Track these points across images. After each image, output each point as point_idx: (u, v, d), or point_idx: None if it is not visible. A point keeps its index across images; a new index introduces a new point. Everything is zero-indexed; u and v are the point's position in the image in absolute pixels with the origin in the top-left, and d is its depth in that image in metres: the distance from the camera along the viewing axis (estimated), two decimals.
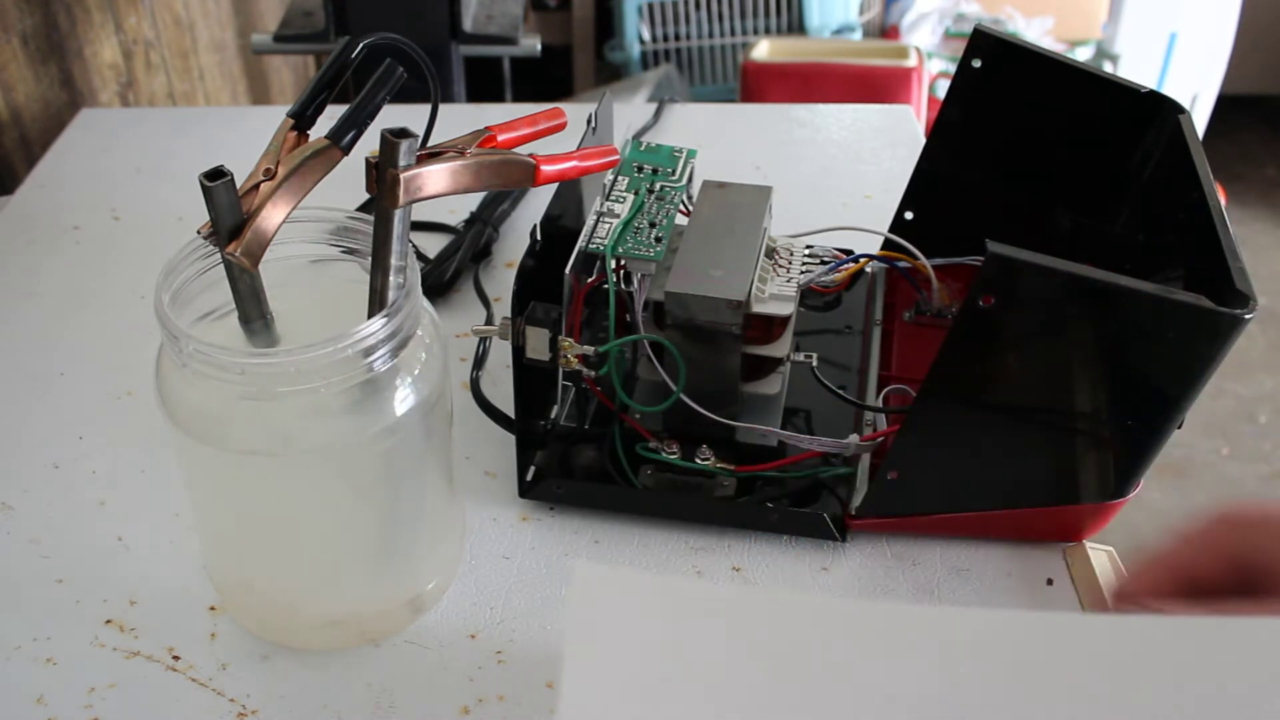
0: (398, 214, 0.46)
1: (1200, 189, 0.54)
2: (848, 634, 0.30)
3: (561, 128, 0.54)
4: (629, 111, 1.02)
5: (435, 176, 0.46)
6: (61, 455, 0.63)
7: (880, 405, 0.61)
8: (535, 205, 0.85)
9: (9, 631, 0.53)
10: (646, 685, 0.29)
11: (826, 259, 0.68)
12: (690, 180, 0.65)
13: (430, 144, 0.47)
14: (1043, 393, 0.51)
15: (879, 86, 1.97)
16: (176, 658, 0.52)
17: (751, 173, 0.91)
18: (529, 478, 0.60)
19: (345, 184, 0.49)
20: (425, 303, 0.50)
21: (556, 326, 0.55)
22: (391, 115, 0.44)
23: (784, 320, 0.59)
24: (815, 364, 0.60)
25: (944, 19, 2.33)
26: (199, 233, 0.46)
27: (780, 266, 0.62)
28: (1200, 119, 2.37)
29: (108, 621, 0.54)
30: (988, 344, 0.49)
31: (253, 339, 0.49)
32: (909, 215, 0.71)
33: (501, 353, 0.70)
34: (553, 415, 0.63)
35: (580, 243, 0.58)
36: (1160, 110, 0.61)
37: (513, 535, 0.59)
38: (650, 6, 2.34)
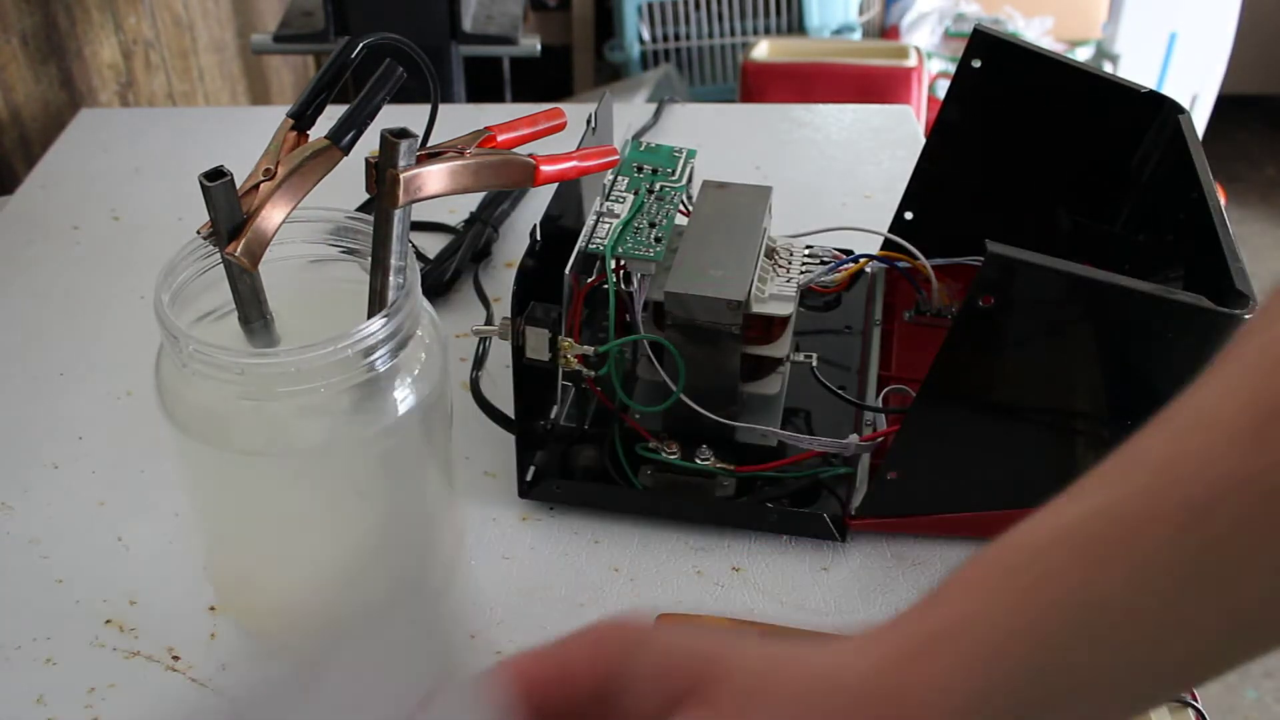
0: (398, 214, 0.46)
1: (1200, 189, 0.54)
2: None
3: (561, 128, 0.54)
4: (629, 111, 1.02)
5: (435, 176, 0.46)
6: (61, 455, 0.63)
7: (880, 405, 0.60)
8: (535, 205, 0.85)
9: (9, 631, 0.53)
10: None
11: (826, 259, 0.68)
12: (690, 180, 0.65)
13: (430, 144, 0.47)
14: (1042, 393, 0.51)
15: (879, 86, 1.96)
16: (176, 658, 0.52)
17: (751, 173, 0.91)
18: (529, 478, 0.60)
19: (345, 184, 0.49)
20: (425, 303, 0.50)
21: (556, 326, 0.55)
22: (391, 115, 0.44)
23: (784, 320, 0.59)
24: (815, 364, 0.60)
25: (944, 19, 2.33)
26: (199, 233, 0.46)
27: (780, 266, 0.62)
28: (1200, 119, 2.36)
29: (108, 621, 0.54)
30: (987, 344, 0.49)
31: (253, 339, 0.49)
32: (909, 215, 0.71)
33: (501, 353, 0.70)
34: (553, 415, 0.63)
35: (580, 243, 0.58)
36: (1160, 110, 0.61)
37: (513, 535, 0.59)
38: (650, 6, 2.33)
